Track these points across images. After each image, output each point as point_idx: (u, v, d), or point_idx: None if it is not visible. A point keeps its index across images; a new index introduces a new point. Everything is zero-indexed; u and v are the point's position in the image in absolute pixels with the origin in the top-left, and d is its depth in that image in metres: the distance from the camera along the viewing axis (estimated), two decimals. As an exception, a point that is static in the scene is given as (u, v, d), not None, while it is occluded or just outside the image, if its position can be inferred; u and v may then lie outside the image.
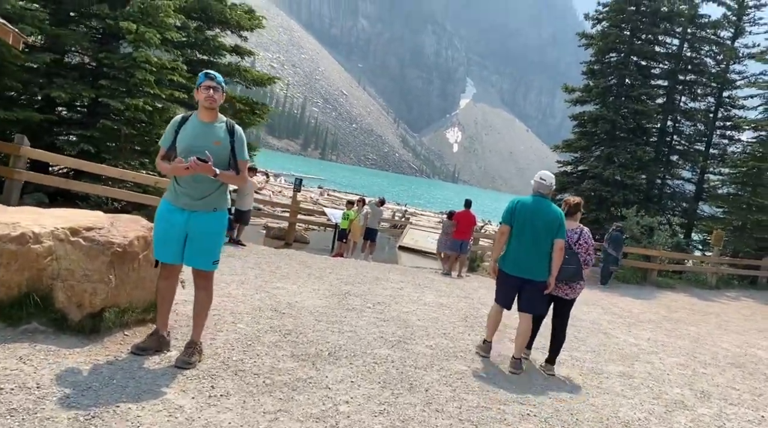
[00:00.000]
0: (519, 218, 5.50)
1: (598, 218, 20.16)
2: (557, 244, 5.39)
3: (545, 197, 5.61)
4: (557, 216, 5.47)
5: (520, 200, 5.64)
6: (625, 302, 13.05)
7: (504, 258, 5.61)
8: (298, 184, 16.49)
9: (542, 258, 5.41)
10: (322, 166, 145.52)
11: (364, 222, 15.40)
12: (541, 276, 5.42)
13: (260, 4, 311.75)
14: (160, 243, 4.00)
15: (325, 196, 36.08)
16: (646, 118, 20.27)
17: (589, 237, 5.80)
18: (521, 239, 5.45)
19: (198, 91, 4.05)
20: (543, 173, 5.72)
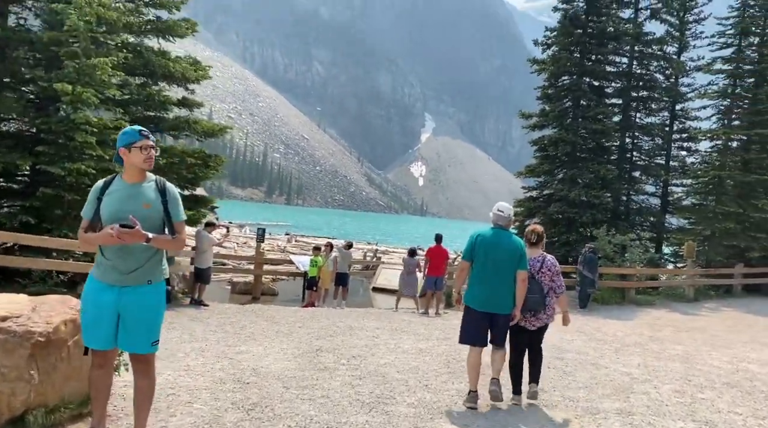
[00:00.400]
0: (480, 252, 5.46)
1: (569, 240, 19.99)
2: (520, 276, 5.36)
3: (504, 229, 5.59)
4: (518, 247, 5.44)
5: (480, 234, 5.57)
6: (608, 325, 12.70)
7: (469, 293, 5.53)
8: (261, 235, 15.89)
9: (507, 290, 5.38)
10: (289, 211, 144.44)
11: (333, 268, 14.85)
12: (506, 309, 5.41)
13: (212, 56, 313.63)
14: (89, 327, 3.45)
15: (293, 243, 35.35)
16: (605, 136, 20.38)
17: (552, 264, 5.76)
18: (484, 273, 5.42)
19: (129, 152, 3.54)
20: (500, 205, 5.68)
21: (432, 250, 13.67)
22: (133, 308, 3.44)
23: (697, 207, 21.22)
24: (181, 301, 12.33)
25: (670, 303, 16.98)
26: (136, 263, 3.47)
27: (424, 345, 8.55)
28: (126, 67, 10.83)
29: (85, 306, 3.47)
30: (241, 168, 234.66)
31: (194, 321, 9.86)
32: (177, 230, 3.59)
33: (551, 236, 20.07)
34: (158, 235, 3.45)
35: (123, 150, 3.54)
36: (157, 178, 3.71)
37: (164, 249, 3.61)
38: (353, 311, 13.46)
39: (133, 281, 3.46)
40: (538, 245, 5.87)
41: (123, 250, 3.44)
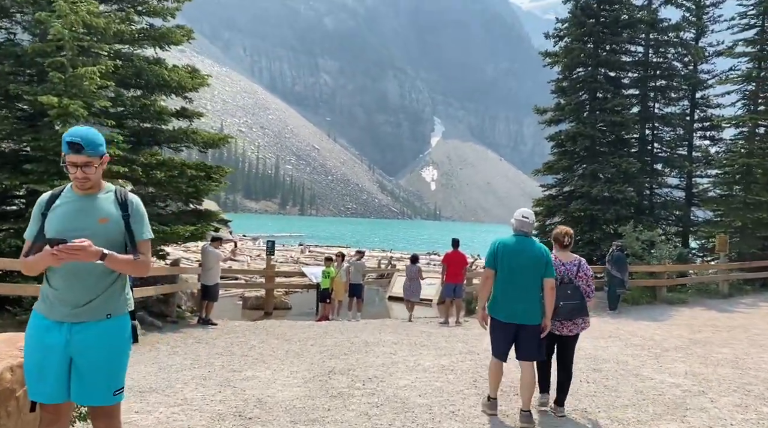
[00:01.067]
0: (503, 260, 5.17)
1: (593, 239, 19.13)
2: (548, 283, 5.09)
3: (527, 236, 5.33)
4: (543, 254, 5.17)
5: (501, 241, 5.30)
6: (643, 328, 11.86)
7: (493, 304, 5.24)
8: (271, 247, 15.24)
9: (534, 300, 5.11)
10: (303, 221, 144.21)
11: (346, 279, 14.17)
12: (535, 320, 5.10)
13: (221, 72, 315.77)
14: (33, 376, 2.77)
15: (307, 253, 34.71)
16: (625, 128, 19.51)
17: (587, 268, 5.57)
18: (508, 282, 5.13)
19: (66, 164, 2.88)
20: (524, 211, 5.42)
21: (449, 256, 12.95)
22: (88, 350, 2.76)
23: (725, 198, 20.23)
24: (188, 321, 11.70)
25: (704, 301, 16.06)
26: (91, 293, 2.80)
27: (446, 362, 7.81)
28: (118, 77, 10.24)
29: (28, 350, 2.79)
30: (254, 181, 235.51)
31: (200, 343, 9.20)
32: (141, 250, 2.91)
33: (574, 236, 19.22)
34: (116, 254, 2.77)
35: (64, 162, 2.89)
36: (117, 187, 3.03)
37: (125, 272, 2.92)
38: (369, 323, 12.76)
39: (87, 316, 2.79)
40: (569, 248, 5.66)
41: (74, 277, 2.77)
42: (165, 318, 10.96)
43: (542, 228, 20.17)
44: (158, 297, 11.08)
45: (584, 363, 7.90)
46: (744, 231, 19.20)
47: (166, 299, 11.10)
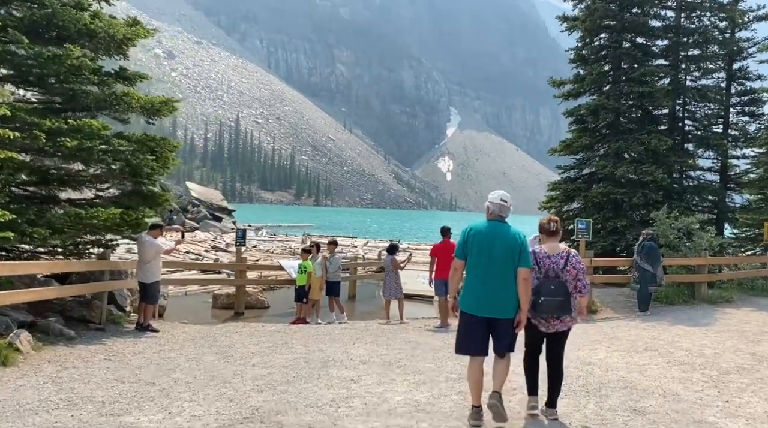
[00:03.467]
0: (474, 248, 4.84)
1: (617, 227, 16.72)
2: (521, 274, 4.71)
3: (503, 221, 4.93)
4: (518, 241, 4.79)
5: (473, 227, 4.94)
6: (685, 336, 9.52)
7: (464, 296, 4.89)
8: (241, 237, 13.06)
9: (508, 292, 4.74)
10: (317, 212, 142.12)
11: (322, 273, 12.00)
12: (509, 313, 4.74)
13: (238, 63, 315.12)
14: None
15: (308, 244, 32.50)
16: (653, 101, 16.97)
17: (578, 261, 5.04)
18: (480, 272, 4.80)
19: None
20: (502, 193, 5.04)
21: (438, 248, 10.83)
22: None
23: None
24: (123, 327, 9.60)
25: (753, 300, 13.63)
26: None
27: (424, 396, 5.61)
28: (17, 23, 8.10)
29: None
30: (270, 172, 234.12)
31: (110, 360, 7.08)
32: None
33: (595, 223, 16.84)
34: None
35: None
36: None
37: None
38: (349, 328, 10.60)
39: None
40: (557, 236, 5.16)
41: None
42: (88, 324, 8.85)
43: (559, 216, 17.81)
44: (79, 300, 8.97)
45: (619, 398, 5.67)
46: (792, 217, 16.66)
47: (89, 302, 8.98)
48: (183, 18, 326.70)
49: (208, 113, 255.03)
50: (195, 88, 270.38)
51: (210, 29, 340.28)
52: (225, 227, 40.74)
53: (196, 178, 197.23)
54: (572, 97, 18.17)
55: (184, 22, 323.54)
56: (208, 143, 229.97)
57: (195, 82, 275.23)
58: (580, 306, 5.15)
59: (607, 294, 13.51)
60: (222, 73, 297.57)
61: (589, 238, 12.57)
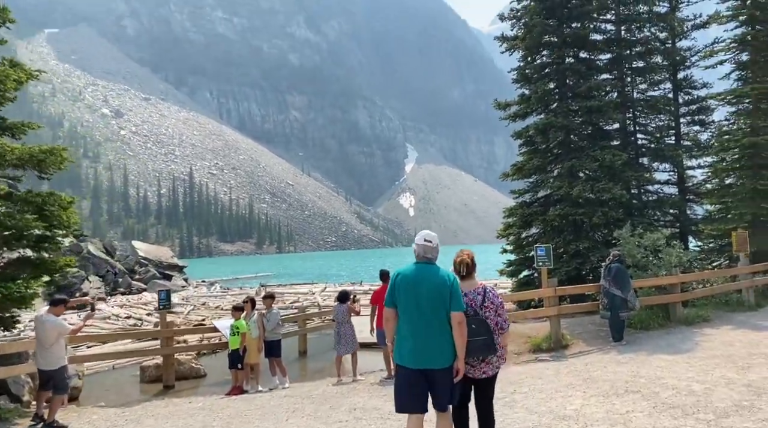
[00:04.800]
0: (402, 294, 4.53)
1: (580, 250, 15.77)
2: (455, 318, 4.43)
3: (431, 262, 4.65)
4: (447, 283, 4.49)
5: (400, 272, 4.64)
6: (668, 368, 8.38)
7: (397, 347, 4.56)
8: (165, 299, 11.51)
9: (442, 338, 4.45)
10: (279, 259, 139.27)
11: (259, 333, 10.55)
12: (445, 362, 4.44)
13: (189, 117, 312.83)
14: None
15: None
16: (603, 115, 16.29)
17: (495, 296, 4.83)
18: (410, 320, 4.48)
19: None
20: (426, 234, 4.77)
21: (378, 294, 9.64)
22: None
23: (727, 188, 16.99)
24: (11, 424, 7.95)
25: (729, 316, 12.69)
26: None
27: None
28: None
29: None
30: (228, 223, 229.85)
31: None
32: None
33: (556, 247, 15.84)
34: None
35: None
36: None
37: None
38: (289, 396, 9.14)
39: None
40: (471, 275, 4.88)
41: None
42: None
43: (518, 243, 16.81)
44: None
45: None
46: (757, 224, 15.99)
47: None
48: (129, 76, 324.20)
49: (161, 169, 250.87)
50: (145, 145, 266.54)
51: (158, 85, 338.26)
52: (175, 286, 38.64)
53: (152, 236, 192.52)
54: (519, 118, 17.40)
55: (130, 79, 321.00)
56: (162, 199, 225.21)
57: (145, 139, 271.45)
58: (504, 341, 4.86)
59: (577, 325, 12.38)
60: (173, 128, 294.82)
61: (550, 265, 11.47)
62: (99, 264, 36.16)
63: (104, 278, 35.78)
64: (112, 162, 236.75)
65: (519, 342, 11.54)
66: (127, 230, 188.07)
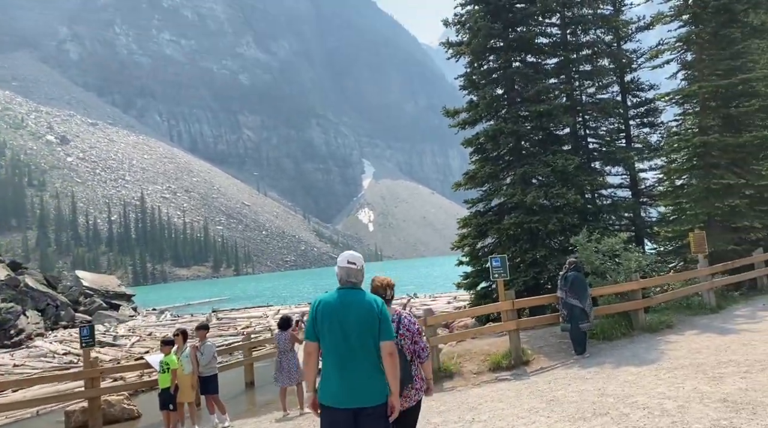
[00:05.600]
0: (326, 325, 4.05)
1: (537, 258, 15.24)
2: (385, 349, 4.00)
3: (356, 287, 4.20)
4: (374, 309, 4.06)
5: (321, 299, 4.18)
6: (636, 383, 7.76)
7: (322, 386, 4.08)
8: (88, 336, 10.35)
9: (371, 372, 4.01)
10: (236, 282, 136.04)
11: (193, 369, 9.52)
12: (376, 399, 3.98)
13: (138, 140, 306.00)
14: None
15: (213, 322, 29.35)
16: (553, 119, 15.85)
17: (411, 323, 4.50)
18: (335, 353, 4.02)
19: None
20: (349, 255, 4.32)
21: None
22: None
23: (685, 188, 16.77)
24: None
25: (692, 320, 12.25)
26: None
27: None
28: None
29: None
30: (183, 247, 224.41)
31: None
32: None
33: (513, 256, 15.25)
34: None
35: None
36: None
37: None
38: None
39: None
40: (390, 301, 4.55)
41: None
42: None
43: (473, 254, 16.18)
44: None
45: None
46: (712, 224, 15.77)
47: None
48: (74, 101, 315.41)
49: (111, 195, 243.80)
50: (94, 171, 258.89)
51: (104, 109, 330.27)
52: (122, 315, 36.82)
53: (103, 264, 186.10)
54: (468, 125, 16.86)
55: (75, 105, 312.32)
56: (113, 226, 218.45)
57: (93, 165, 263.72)
58: (426, 371, 4.58)
59: (538, 338, 11.75)
60: (122, 152, 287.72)
61: (506, 276, 10.83)
62: (38, 298, 34.06)
63: (44, 312, 33.70)
64: (59, 190, 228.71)
65: (478, 361, 10.84)
66: (77, 259, 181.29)
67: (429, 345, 4.87)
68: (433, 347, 10.57)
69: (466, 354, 11.18)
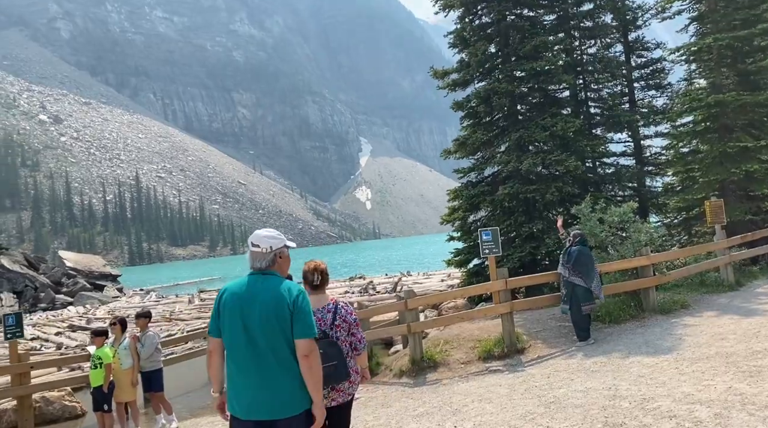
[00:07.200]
0: (227, 319, 3.35)
1: (533, 232, 13.84)
2: (300, 348, 3.26)
3: (268, 272, 3.43)
4: (284, 300, 3.27)
5: (227, 288, 3.49)
6: (653, 379, 6.37)
7: (228, 392, 3.39)
8: (14, 326, 8.88)
9: (283, 377, 3.25)
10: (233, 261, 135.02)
11: (134, 363, 8.15)
12: (290, 410, 3.24)
13: (132, 119, 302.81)
14: None
15: (195, 303, 27.97)
16: (552, 78, 14.34)
17: (348, 313, 4.12)
18: (237, 354, 3.31)
19: None
20: (254, 235, 3.55)
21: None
22: None
23: (698, 153, 15.24)
24: None
25: (709, 300, 10.87)
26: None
27: None
28: None
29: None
30: (179, 226, 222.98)
31: None
32: None
33: (508, 230, 13.83)
34: None
35: None
36: None
37: None
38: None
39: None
40: (323, 287, 4.13)
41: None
42: None
43: (464, 229, 14.76)
44: None
45: None
46: (727, 192, 14.33)
47: None
48: (66, 80, 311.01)
49: (106, 174, 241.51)
50: (88, 151, 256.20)
51: (98, 88, 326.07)
52: (105, 297, 35.52)
53: (99, 244, 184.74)
54: (459, 86, 15.32)
55: (68, 84, 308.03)
56: (108, 206, 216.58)
57: (88, 145, 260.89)
58: (361, 364, 4.21)
59: (535, 322, 10.38)
60: (116, 132, 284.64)
61: (498, 252, 9.40)
62: (15, 279, 32.77)
63: (22, 294, 32.42)
64: (53, 170, 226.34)
65: (467, 348, 9.48)
66: (72, 239, 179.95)
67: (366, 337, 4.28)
68: (415, 333, 9.22)
69: (453, 341, 9.82)
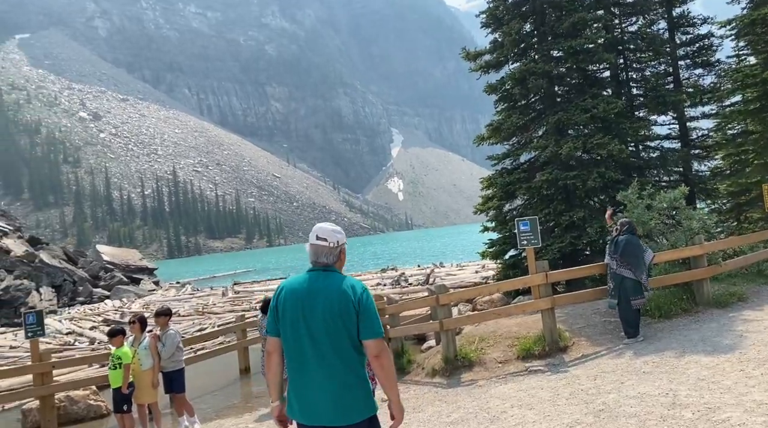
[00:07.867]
0: (286, 318, 3.15)
1: (574, 221, 13.07)
2: (371, 348, 3.09)
3: (330, 268, 3.25)
4: (351, 297, 3.10)
5: (285, 286, 3.27)
6: (717, 382, 5.67)
7: (288, 396, 3.21)
8: (35, 325, 8.63)
9: (346, 381, 3.05)
10: (269, 253, 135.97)
11: (154, 363, 7.79)
12: (355, 416, 3.04)
13: (168, 115, 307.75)
14: None
15: (229, 296, 27.91)
16: (592, 57, 13.52)
17: None
18: (297, 355, 3.12)
19: None
20: (318, 228, 3.38)
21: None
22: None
23: (752, 134, 14.22)
24: None
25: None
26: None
27: None
28: None
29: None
30: (216, 219, 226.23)
31: None
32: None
33: (546, 220, 13.10)
34: None
35: None
36: None
37: None
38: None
39: None
40: None
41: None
42: None
43: (500, 218, 14.09)
44: None
45: None
46: (784, 175, 13.32)
47: None
48: (104, 77, 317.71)
49: (144, 169, 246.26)
50: (127, 146, 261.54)
51: (135, 84, 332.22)
52: (142, 290, 35.84)
53: (138, 238, 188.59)
54: (492, 68, 14.59)
55: (106, 81, 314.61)
56: (146, 200, 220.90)
57: (126, 140, 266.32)
58: None
59: (578, 317, 9.69)
60: (153, 127, 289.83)
61: (537, 243, 8.73)
62: (54, 274, 33.22)
63: (60, 288, 32.89)
64: (93, 166, 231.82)
65: (504, 346, 8.88)
66: (113, 234, 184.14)
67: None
68: (448, 331, 8.67)
69: (489, 338, 9.23)
